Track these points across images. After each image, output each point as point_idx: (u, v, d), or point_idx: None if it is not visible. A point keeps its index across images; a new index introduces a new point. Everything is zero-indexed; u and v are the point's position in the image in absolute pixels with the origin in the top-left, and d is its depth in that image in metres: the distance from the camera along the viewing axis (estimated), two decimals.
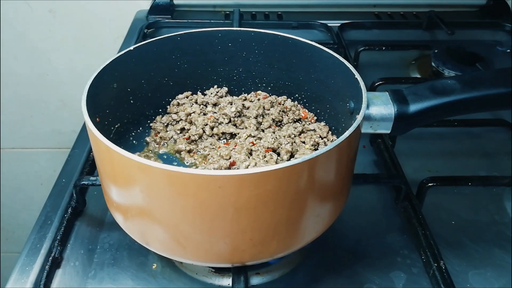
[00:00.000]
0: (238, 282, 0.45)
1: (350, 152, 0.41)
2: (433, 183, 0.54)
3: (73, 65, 1.08)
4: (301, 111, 0.55)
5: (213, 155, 0.49)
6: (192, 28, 0.54)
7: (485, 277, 0.48)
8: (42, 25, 1.02)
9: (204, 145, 0.51)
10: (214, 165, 0.47)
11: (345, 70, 0.46)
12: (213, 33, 0.54)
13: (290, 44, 0.52)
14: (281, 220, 0.38)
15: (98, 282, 0.47)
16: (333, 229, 0.47)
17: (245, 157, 0.47)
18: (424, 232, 0.50)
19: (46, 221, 0.53)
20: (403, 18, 1.03)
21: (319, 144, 0.50)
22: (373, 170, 0.61)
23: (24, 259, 0.49)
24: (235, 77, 0.57)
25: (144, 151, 0.52)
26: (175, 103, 0.56)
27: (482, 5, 1.06)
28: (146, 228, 0.41)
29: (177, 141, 0.52)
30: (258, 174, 0.34)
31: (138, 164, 0.34)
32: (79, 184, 0.53)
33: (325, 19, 0.98)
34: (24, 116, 1.15)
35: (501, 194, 0.58)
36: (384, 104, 0.42)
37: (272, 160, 0.46)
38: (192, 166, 0.50)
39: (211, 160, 0.48)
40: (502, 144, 0.66)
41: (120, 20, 1.01)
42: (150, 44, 0.51)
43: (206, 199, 0.35)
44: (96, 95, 0.43)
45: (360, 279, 0.48)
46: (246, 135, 0.50)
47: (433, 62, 0.82)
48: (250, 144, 0.49)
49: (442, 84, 0.43)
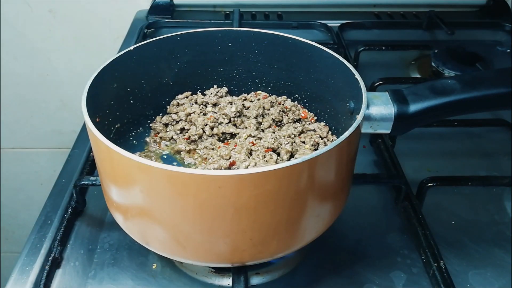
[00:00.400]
0: (238, 282, 0.45)
1: (350, 152, 0.41)
2: (433, 183, 0.54)
3: (73, 65, 1.08)
4: (301, 111, 0.55)
5: (212, 155, 0.49)
6: (192, 28, 0.54)
7: (485, 277, 0.48)
8: (42, 25, 1.02)
9: (204, 145, 0.51)
10: (214, 165, 0.47)
11: (345, 70, 0.46)
12: (213, 33, 0.54)
13: (290, 44, 0.52)
14: (281, 220, 0.38)
15: (98, 282, 0.47)
16: (333, 229, 0.47)
17: (245, 157, 0.47)
18: (424, 232, 0.50)
19: (46, 221, 0.53)
20: (403, 18, 1.03)
21: (319, 144, 0.50)
22: (373, 170, 0.61)
23: (24, 259, 0.49)
24: (235, 77, 0.57)
25: (144, 151, 0.52)
26: (175, 103, 0.56)
27: (482, 5, 1.06)
28: (146, 228, 0.41)
29: (177, 141, 0.52)
30: (258, 174, 0.34)
31: (138, 164, 0.34)
32: (79, 184, 0.53)
33: (325, 19, 0.98)
34: (24, 116, 1.15)
35: (501, 194, 0.58)
36: (384, 104, 0.42)
37: (272, 160, 0.46)
38: (192, 166, 0.50)
39: (211, 160, 0.48)
40: (502, 144, 0.66)
41: (120, 20, 1.01)
42: (150, 44, 0.51)
43: (206, 199, 0.35)
44: (96, 95, 0.43)
45: (360, 279, 0.48)
46: (246, 135, 0.50)
47: (433, 62, 0.82)
48: (250, 144, 0.49)
49: (442, 84, 0.43)
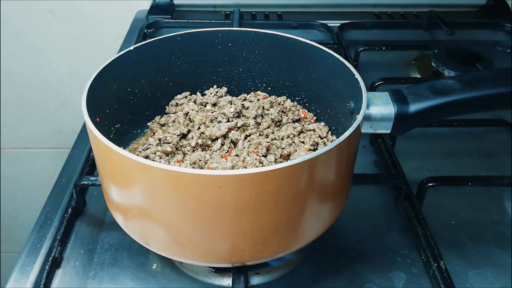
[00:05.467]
0: (238, 282, 0.45)
1: (350, 152, 0.41)
2: (433, 183, 0.54)
3: (73, 65, 1.08)
4: (300, 111, 0.55)
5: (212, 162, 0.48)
6: (192, 28, 0.54)
7: (485, 277, 0.48)
8: (42, 25, 1.02)
9: (196, 155, 0.49)
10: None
11: (345, 70, 0.46)
12: (213, 33, 0.54)
13: (290, 44, 0.52)
14: (281, 220, 0.38)
15: (98, 282, 0.47)
16: (333, 229, 0.47)
17: (245, 157, 0.47)
18: (424, 232, 0.50)
19: (46, 221, 0.53)
20: (403, 18, 1.03)
21: (318, 144, 0.50)
22: (373, 170, 0.61)
23: (24, 259, 0.49)
24: (235, 77, 0.57)
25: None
26: (174, 103, 0.56)
27: (482, 5, 1.06)
28: (146, 228, 0.41)
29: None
30: (258, 174, 0.34)
31: (138, 164, 0.34)
32: (79, 184, 0.53)
33: (325, 19, 0.98)
34: (24, 116, 1.15)
35: (501, 194, 0.58)
36: (384, 104, 0.42)
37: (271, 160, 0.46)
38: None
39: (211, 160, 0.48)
40: (502, 144, 0.66)
41: (120, 20, 1.01)
42: (150, 44, 0.51)
43: (206, 199, 0.35)
44: (96, 95, 0.43)
45: (360, 279, 0.48)
46: (245, 135, 0.50)
47: (433, 62, 0.82)
48: (249, 144, 0.49)
49: (442, 84, 0.43)
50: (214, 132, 0.50)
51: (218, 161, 0.47)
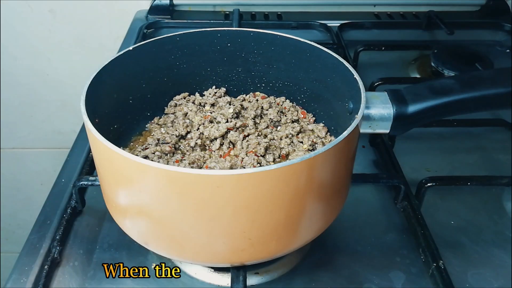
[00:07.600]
0: (237, 282, 0.45)
1: (349, 152, 0.41)
2: (432, 183, 0.54)
3: (73, 65, 1.08)
4: (299, 112, 0.55)
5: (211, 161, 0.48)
6: (192, 28, 0.54)
7: (484, 277, 0.48)
8: (42, 25, 1.02)
9: (195, 155, 0.49)
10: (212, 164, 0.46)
11: (344, 70, 0.46)
12: (212, 33, 0.54)
13: (289, 44, 0.52)
14: (280, 219, 0.38)
15: (97, 282, 0.47)
16: (333, 229, 0.47)
17: (243, 157, 0.47)
18: (423, 232, 0.50)
19: (45, 221, 0.53)
20: (403, 18, 1.03)
21: (316, 144, 0.50)
22: (372, 170, 0.61)
23: (24, 259, 0.49)
24: (235, 77, 0.57)
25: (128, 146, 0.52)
26: (173, 104, 0.56)
27: (482, 5, 1.06)
28: (145, 228, 0.41)
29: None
30: (256, 174, 0.34)
31: (137, 164, 0.34)
32: (78, 184, 0.53)
33: (324, 19, 0.98)
34: (24, 116, 1.15)
35: (501, 194, 0.58)
36: (383, 104, 0.42)
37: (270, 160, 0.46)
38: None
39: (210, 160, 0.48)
40: (501, 144, 0.66)
41: (120, 20, 1.01)
42: (149, 44, 0.51)
43: (204, 199, 0.35)
44: (95, 95, 0.43)
45: (359, 279, 0.48)
46: (244, 135, 0.50)
47: (433, 62, 0.82)
48: (247, 144, 0.49)
49: (441, 84, 0.43)
50: (213, 132, 0.50)
51: (217, 161, 0.47)
